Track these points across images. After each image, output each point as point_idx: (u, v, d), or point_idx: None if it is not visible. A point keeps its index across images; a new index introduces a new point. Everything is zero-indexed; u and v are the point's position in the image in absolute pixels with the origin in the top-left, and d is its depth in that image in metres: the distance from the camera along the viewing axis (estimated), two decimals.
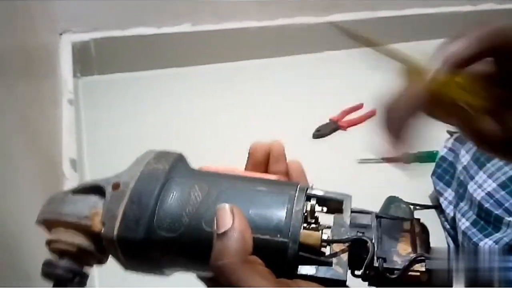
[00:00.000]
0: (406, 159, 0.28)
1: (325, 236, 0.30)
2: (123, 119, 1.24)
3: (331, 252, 0.30)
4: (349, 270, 0.30)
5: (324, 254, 0.30)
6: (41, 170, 0.75)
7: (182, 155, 0.35)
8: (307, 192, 0.31)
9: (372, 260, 0.30)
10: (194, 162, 0.35)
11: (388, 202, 1.05)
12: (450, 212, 0.99)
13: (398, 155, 0.28)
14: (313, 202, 0.31)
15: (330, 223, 0.32)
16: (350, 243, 0.30)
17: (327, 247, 0.30)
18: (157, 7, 1.35)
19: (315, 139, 1.26)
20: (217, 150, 1.16)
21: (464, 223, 0.90)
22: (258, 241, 0.28)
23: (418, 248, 0.30)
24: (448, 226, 1.00)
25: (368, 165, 1.18)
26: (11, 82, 0.63)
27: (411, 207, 1.05)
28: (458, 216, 0.92)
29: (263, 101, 1.37)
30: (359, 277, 0.31)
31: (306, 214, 0.30)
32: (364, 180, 1.15)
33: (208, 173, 0.34)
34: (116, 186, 0.31)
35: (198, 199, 0.31)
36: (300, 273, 0.29)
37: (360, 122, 1.32)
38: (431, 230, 0.32)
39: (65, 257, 0.31)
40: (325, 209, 0.32)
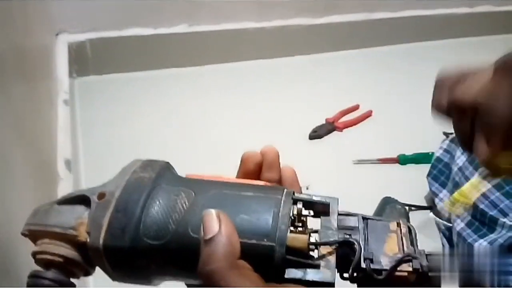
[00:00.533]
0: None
1: (313, 239, 0.30)
2: (119, 119, 1.24)
3: (319, 255, 0.30)
4: (338, 272, 0.30)
5: (312, 257, 0.30)
6: (36, 170, 0.75)
7: (169, 164, 0.34)
8: (293, 196, 0.31)
9: (359, 261, 0.30)
10: (191, 162, 0.35)
11: (383, 203, 1.05)
12: (445, 213, 0.99)
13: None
14: (299, 205, 0.31)
15: (318, 227, 0.32)
16: (337, 245, 0.30)
17: (315, 250, 0.30)
18: (153, 8, 1.35)
19: (311, 140, 1.26)
20: (214, 151, 1.17)
21: (459, 224, 0.90)
22: (246, 245, 0.28)
23: (405, 248, 0.31)
24: (443, 227, 1.01)
25: (364, 166, 1.19)
26: (6, 82, 0.63)
27: (406, 208, 1.05)
28: (453, 217, 0.93)
29: (260, 101, 1.37)
30: (347, 279, 0.31)
31: (293, 218, 0.30)
32: (359, 181, 1.15)
33: (194, 180, 0.34)
34: (101, 195, 0.31)
35: (184, 206, 0.30)
36: (288, 276, 0.29)
37: (356, 123, 1.32)
38: (426, 231, 0.32)
39: (52, 268, 0.31)
40: (312, 213, 0.32)
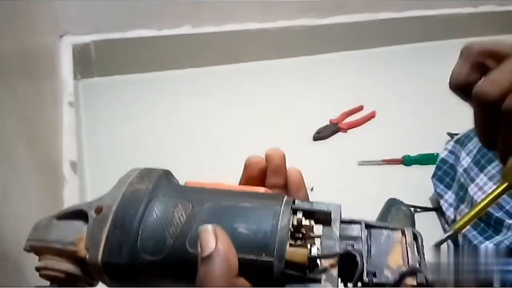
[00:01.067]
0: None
1: (314, 250, 0.29)
2: (123, 121, 1.24)
3: (320, 267, 0.29)
4: (342, 283, 0.29)
5: (313, 270, 0.29)
6: (41, 172, 0.75)
7: (167, 172, 0.34)
8: (293, 205, 0.31)
9: (361, 276, 0.29)
10: (194, 163, 0.35)
11: (388, 205, 1.04)
12: (450, 215, 0.99)
13: None
14: (299, 215, 0.30)
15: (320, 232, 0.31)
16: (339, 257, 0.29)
17: (317, 262, 0.29)
18: (157, 9, 1.35)
19: (315, 141, 1.26)
20: (218, 152, 1.16)
21: None
22: (244, 261, 0.28)
23: (410, 259, 0.29)
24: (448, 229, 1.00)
25: (368, 167, 1.18)
26: (11, 84, 0.63)
27: (412, 209, 1.05)
28: (459, 218, 0.92)
29: (264, 103, 1.37)
30: None
31: (292, 230, 0.29)
32: (364, 182, 1.15)
33: (192, 190, 0.33)
34: (98, 210, 0.31)
35: (181, 218, 0.30)
36: None
37: (360, 124, 1.32)
38: (432, 232, 0.31)
39: (55, 283, 0.32)
40: (312, 222, 0.31)
